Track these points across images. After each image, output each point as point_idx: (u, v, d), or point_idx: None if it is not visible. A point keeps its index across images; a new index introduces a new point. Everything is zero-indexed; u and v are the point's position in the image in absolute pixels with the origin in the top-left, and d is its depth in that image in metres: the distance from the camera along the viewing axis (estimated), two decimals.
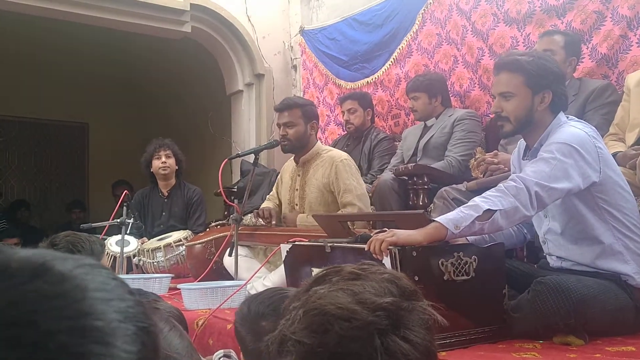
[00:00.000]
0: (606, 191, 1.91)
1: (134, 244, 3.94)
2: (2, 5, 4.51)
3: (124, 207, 3.29)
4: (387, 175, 3.40)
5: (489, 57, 3.68)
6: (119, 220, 3.29)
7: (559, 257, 2.05)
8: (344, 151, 4.08)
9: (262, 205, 3.41)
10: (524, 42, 3.50)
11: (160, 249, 3.85)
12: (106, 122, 8.05)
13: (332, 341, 0.71)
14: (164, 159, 4.34)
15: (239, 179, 4.69)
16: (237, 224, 2.89)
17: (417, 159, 3.57)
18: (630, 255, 1.90)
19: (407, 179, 3.22)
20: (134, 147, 5.41)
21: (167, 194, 4.43)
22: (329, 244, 2.02)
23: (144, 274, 3.71)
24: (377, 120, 4.45)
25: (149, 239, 4.09)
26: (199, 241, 3.53)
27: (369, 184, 3.70)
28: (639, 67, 2.96)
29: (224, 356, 1.68)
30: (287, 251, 2.24)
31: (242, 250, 3.03)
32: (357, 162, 4.04)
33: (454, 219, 1.77)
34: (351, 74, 4.73)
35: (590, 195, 1.91)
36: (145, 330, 0.43)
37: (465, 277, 1.78)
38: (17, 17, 5.10)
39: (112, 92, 7.99)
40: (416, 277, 1.64)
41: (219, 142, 6.13)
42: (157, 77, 7.70)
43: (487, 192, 1.86)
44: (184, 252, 3.75)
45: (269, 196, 3.51)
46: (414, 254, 1.72)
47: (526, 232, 2.20)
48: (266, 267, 2.87)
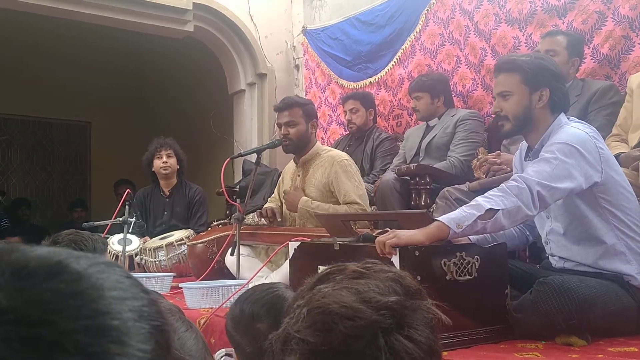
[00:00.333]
0: (608, 191, 1.91)
1: (136, 242, 3.94)
2: (4, 3, 4.52)
3: (126, 206, 3.29)
4: (389, 175, 3.40)
5: (492, 57, 3.68)
6: (121, 219, 3.29)
7: (561, 258, 2.05)
8: (346, 151, 4.08)
9: (265, 206, 3.41)
10: (525, 43, 3.49)
11: (162, 248, 3.85)
12: (108, 121, 8.05)
13: (336, 340, 0.71)
14: (165, 159, 4.33)
15: (241, 178, 4.69)
16: (239, 223, 2.89)
17: (420, 159, 3.57)
18: (632, 255, 1.90)
19: (409, 179, 3.22)
20: (136, 146, 5.41)
21: (168, 193, 4.43)
22: (338, 242, 2.02)
23: (146, 272, 3.72)
24: (379, 120, 4.44)
25: (151, 238, 4.09)
26: (200, 240, 3.53)
27: (370, 184, 3.69)
28: None
29: (226, 355, 1.68)
30: (294, 249, 2.24)
31: (243, 249, 3.03)
32: (359, 162, 4.04)
33: (456, 218, 1.77)
34: (354, 74, 4.73)
35: (592, 195, 1.91)
36: (159, 329, 0.43)
37: (467, 277, 1.78)
38: (20, 15, 5.11)
39: (114, 92, 7.99)
40: (418, 277, 1.64)
41: (221, 141, 6.13)
42: (159, 76, 7.70)
43: (489, 191, 1.86)
44: (185, 251, 3.75)
45: (270, 198, 3.50)
46: (417, 253, 1.72)
47: (528, 234, 2.20)
48: (268, 266, 2.87)
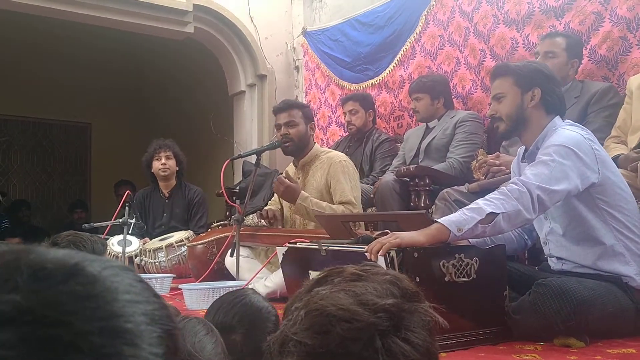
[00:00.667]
0: (605, 192, 1.92)
1: (135, 244, 3.94)
2: (4, 4, 4.53)
3: (126, 207, 3.30)
4: (389, 176, 3.40)
5: (491, 58, 3.68)
6: (121, 220, 3.30)
7: (559, 259, 2.05)
8: (346, 152, 4.09)
9: (265, 208, 3.41)
10: (523, 44, 3.49)
11: (162, 249, 3.85)
12: (109, 122, 8.06)
13: (333, 342, 0.71)
14: (164, 160, 4.33)
15: (241, 179, 4.69)
16: (238, 224, 2.89)
17: (419, 161, 3.57)
18: (631, 256, 1.91)
19: (408, 180, 3.22)
20: (136, 147, 5.42)
21: (168, 194, 4.43)
22: (324, 247, 2.02)
23: (146, 274, 3.72)
24: (380, 121, 4.45)
25: (151, 239, 4.09)
26: (200, 241, 3.53)
27: (370, 185, 3.70)
28: None
29: None
30: (283, 254, 2.24)
31: (243, 250, 3.03)
32: (359, 163, 4.05)
33: (456, 221, 1.77)
34: (355, 75, 4.72)
35: (590, 196, 1.92)
36: (169, 333, 0.44)
37: (466, 279, 1.78)
38: (19, 17, 5.11)
39: (114, 93, 8.00)
40: (417, 279, 1.64)
41: (221, 142, 6.13)
42: (159, 77, 7.71)
43: (489, 194, 1.87)
44: (185, 253, 3.75)
45: (271, 201, 3.50)
46: (416, 255, 1.73)
47: (527, 238, 2.20)
48: (267, 267, 2.87)
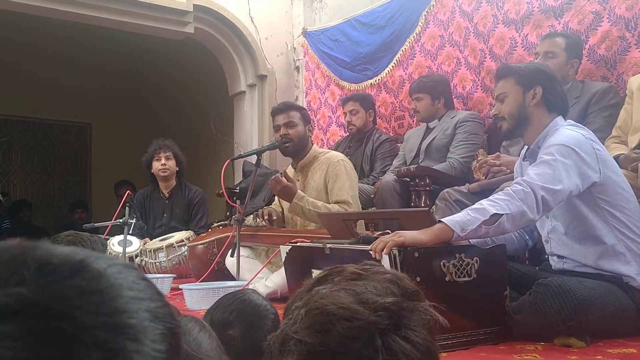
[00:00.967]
0: (606, 192, 1.92)
1: (136, 244, 3.94)
2: (4, 5, 4.53)
3: (127, 208, 3.30)
4: (389, 176, 3.40)
5: (490, 59, 3.68)
6: (121, 220, 3.30)
7: (560, 257, 2.05)
8: (346, 153, 4.10)
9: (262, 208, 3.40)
10: (522, 43, 3.49)
11: (162, 249, 3.85)
12: (109, 123, 8.06)
13: (333, 341, 0.71)
14: (163, 161, 4.33)
15: (241, 179, 4.69)
16: (239, 224, 2.90)
17: (419, 161, 3.57)
18: (632, 256, 1.91)
19: (409, 180, 3.22)
20: (137, 147, 5.42)
21: (168, 195, 4.43)
22: (329, 246, 2.02)
23: (146, 274, 3.71)
24: (380, 122, 4.44)
25: (151, 240, 4.09)
26: (201, 242, 3.53)
27: (370, 185, 3.70)
28: None
29: None
30: (286, 252, 2.24)
31: (243, 251, 3.03)
32: (359, 163, 4.05)
33: (460, 221, 1.77)
34: (354, 75, 4.72)
35: (591, 196, 1.92)
36: (172, 330, 0.44)
37: (466, 279, 1.78)
38: (19, 17, 5.11)
39: (114, 93, 8.01)
40: (418, 278, 1.64)
41: (221, 143, 6.13)
42: (159, 77, 7.71)
43: (494, 195, 1.87)
44: (186, 253, 3.75)
45: (274, 203, 3.50)
46: (416, 254, 1.72)
47: (528, 238, 2.20)
48: (268, 267, 2.87)
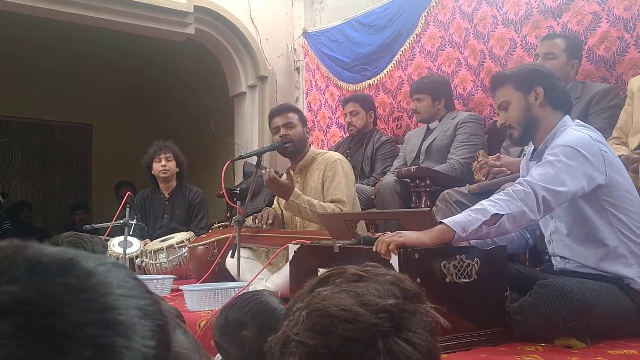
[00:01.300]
0: (612, 193, 1.91)
1: (136, 245, 3.94)
2: (5, 6, 4.53)
3: (127, 208, 3.30)
4: (389, 177, 3.40)
5: (490, 60, 3.68)
6: (121, 221, 3.30)
7: (562, 258, 2.05)
8: (346, 154, 4.10)
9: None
10: (521, 44, 3.49)
11: (162, 250, 3.85)
12: (109, 124, 8.06)
13: (335, 342, 0.71)
14: (164, 162, 4.32)
15: (242, 180, 4.69)
16: (239, 225, 2.89)
17: (420, 162, 3.57)
18: (633, 259, 1.90)
19: (409, 181, 3.22)
20: (137, 148, 5.42)
21: (168, 196, 4.43)
22: (338, 245, 2.02)
23: (147, 275, 3.72)
24: (379, 122, 4.43)
25: (152, 241, 4.09)
26: (201, 242, 3.53)
27: (371, 186, 3.70)
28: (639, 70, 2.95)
29: None
30: (294, 251, 2.24)
31: (244, 252, 3.03)
32: (360, 164, 4.05)
33: (461, 222, 1.77)
34: (352, 75, 4.72)
35: (595, 197, 1.91)
36: (161, 327, 0.45)
37: (467, 280, 1.78)
38: (20, 18, 5.12)
39: (115, 94, 8.01)
40: (418, 280, 1.64)
41: (222, 143, 6.13)
42: (160, 78, 7.72)
43: (494, 195, 1.87)
44: (186, 254, 3.75)
45: (273, 206, 3.50)
46: (417, 256, 1.72)
47: (529, 236, 2.20)
48: (268, 268, 2.87)
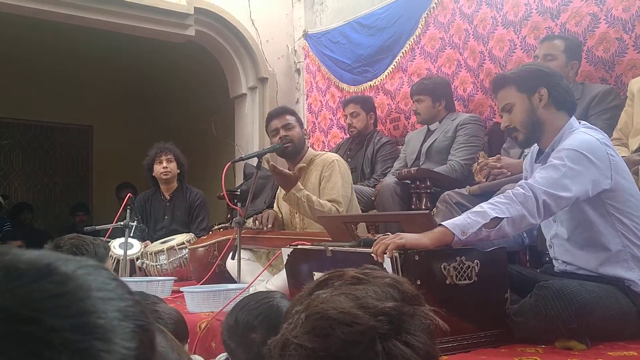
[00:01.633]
0: (617, 198, 1.90)
1: (137, 246, 3.94)
2: (5, 8, 4.54)
3: (128, 210, 3.30)
4: (390, 179, 3.40)
5: (490, 61, 3.68)
6: (122, 223, 3.30)
7: (563, 262, 2.05)
8: (347, 155, 4.10)
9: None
10: (521, 45, 3.49)
11: (163, 251, 3.85)
12: (110, 125, 8.07)
13: (334, 345, 0.71)
14: (165, 164, 4.32)
15: (242, 182, 4.69)
16: (240, 227, 2.90)
17: (420, 163, 3.57)
18: (635, 263, 1.90)
19: (409, 182, 3.22)
20: (138, 149, 5.42)
21: (169, 197, 4.43)
22: (330, 248, 2.02)
23: (147, 276, 3.72)
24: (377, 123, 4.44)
25: (152, 242, 4.09)
26: (201, 244, 3.53)
27: (371, 187, 3.70)
28: (639, 71, 2.95)
29: (227, 359, 1.68)
30: (288, 255, 2.24)
31: (244, 253, 3.03)
32: (360, 166, 4.05)
33: (461, 224, 1.76)
34: (354, 77, 4.72)
35: (600, 201, 1.90)
36: (143, 328, 0.45)
37: (467, 282, 1.78)
38: (21, 20, 5.13)
39: (116, 95, 8.02)
40: (418, 281, 1.64)
41: (223, 145, 6.14)
42: (161, 80, 7.72)
43: (494, 198, 1.86)
44: (187, 255, 3.75)
45: (272, 209, 3.50)
46: (417, 258, 1.72)
47: (525, 236, 2.19)
48: (269, 270, 2.87)
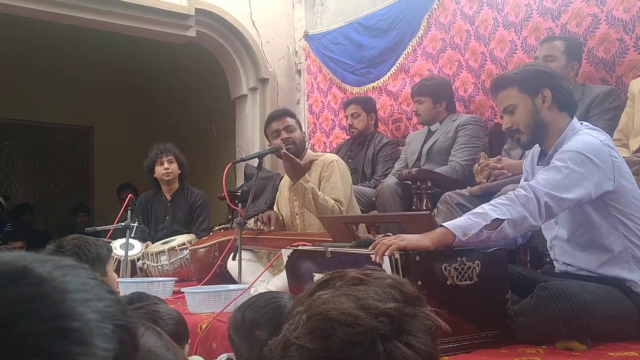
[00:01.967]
0: (619, 199, 1.90)
1: (138, 247, 3.94)
2: (7, 9, 4.54)
3: (129, 211, 3.30)
4: (391, 179, 3.40)
5: (491, 62, 3.68)
6: (123, 223, 3.31)
7: (564, 263, 2.05)
8: (348, 156, 4.11)
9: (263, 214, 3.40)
10: (521, 46, 3.49)
11: (164, 252, 3.85)
12: (111, 126, 8.07)
13: (335, 346, 0.71)
14: (166, 165, 4.32)
15: (243, 183, 4.69)
16: (240, 227, 2.90)
17: (421, 164, 3.57)
18: (636, 264, 1.90)
19: (410, 183, 3.22)
20: (139, 150, 5.43)
21: (170, 198, 4.43)
22: (330, 249, 2.02)
23: (148, 277, 3.72)
24: (379, 124, 4.44)
25: (153, 243, 4.10)
26: (202, 245, 3.53)
27: (372, 188, 3.70)
28: (639, 72, 2.95)
29: (227, 359, 1.69)
30: (287, 256, 2.24)
31: (245, 254, 3.03)
32: (361, 166, 4.05)
33: (462, 225, 1.77)
34: (357, 78, 4.73)
35: (602, 203, 1.90)
36: (123, 327, 0.44)
37: (468, 282, 1.78)
38: (22, 21, 5.13)
39: (117, 96, 8.02)
40: (419, 282, 1.64)
41: (223, 146, 6.14)
42: (161, 81, 7.73)
43: (496, 199, 1.86)
44: (187, 256, 3.75)
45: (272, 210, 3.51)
46: (418, 258, 1.72)
47: (518, 235, 2.18)
48: (269, 271, 2.87)
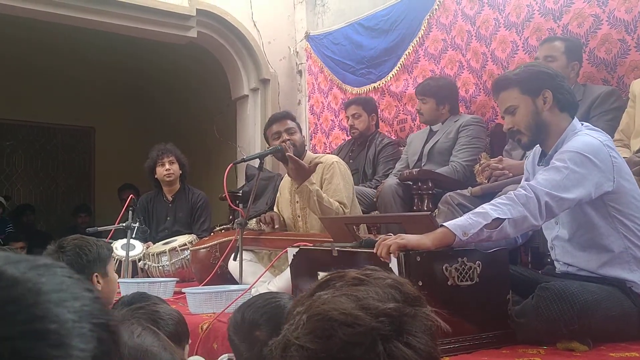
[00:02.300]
0: (619, 200, 1.90)
1: (139, 247, 3.95)
2: (7, 9, 4.55)
3: (130, 211, 3.31)
4: (392, 180, 3.40)
5: (492, 62, 3.68)
6: (124, 224, 3.31)
7: (565, 263, 2.05)
8: (349, 156, 4.11)
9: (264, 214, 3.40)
10: (523, 47, 3.49)
11: (165, 253, 3.86)
12: (112, 126, 8.08)
13: (335, 347, 0.71)
14: (167, 166, 4.32)
15: (244, 183, 4.70)
16: (241, 228, 2.90)
17: (422, 164, 3.57)
18: (637, 264, 1.90)
19: (411, 184, 3.22)
20: (140, 151, 5.43)
21: (171, 198, 4.43)
22: (336, 248, 2.02)
23: (149, 277, 3.72)
24: (383, 125, 4.44)
25: (154, 243, 4.10)
26: (203, 245, 3.53)
27: (373, 189, 3.70)
28: None
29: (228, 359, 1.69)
30: (293, 255, 2.25)
31: (246, 254, 3.03)
32: (362, 167, 4.05)
33: (462, 225, 1.77)
34: (357, 79, 4.73)
35: (602, 203, 1.90)
36: (102, 325, 0.43)
37: (469, 283, 1.78)
38: (22, 21, 5.13)
39: (118, 97, 8.03)
40: (420, 282, 1.64)
41: (224, 146, 6.14)
42: (163, 81, 7.73)
43: (496, 199, 1.86)
44: (188, 257, 3.75)
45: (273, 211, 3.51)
46: (418, 259, 1.72)
47: (518, 235, 2.18)
48: (270, 271, 2.87)
